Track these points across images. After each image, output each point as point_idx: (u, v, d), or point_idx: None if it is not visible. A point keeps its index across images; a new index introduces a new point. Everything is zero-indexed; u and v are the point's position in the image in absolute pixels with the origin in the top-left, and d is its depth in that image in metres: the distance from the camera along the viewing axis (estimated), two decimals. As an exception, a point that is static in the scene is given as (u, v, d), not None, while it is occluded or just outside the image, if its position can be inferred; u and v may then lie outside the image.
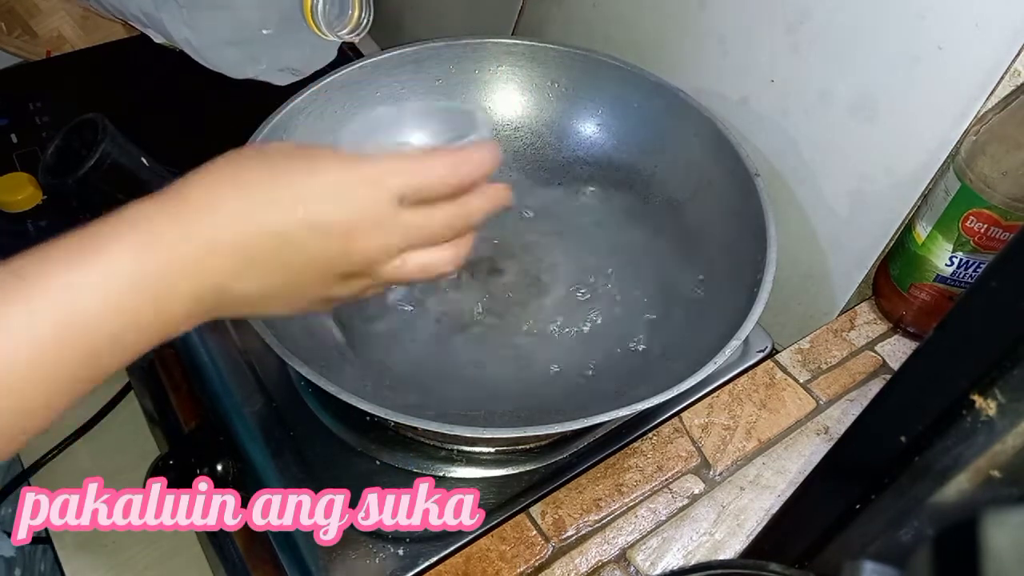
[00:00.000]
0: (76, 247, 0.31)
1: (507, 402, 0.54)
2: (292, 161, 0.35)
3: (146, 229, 0.32)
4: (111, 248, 0.31)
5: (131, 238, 0.31)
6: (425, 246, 0.38)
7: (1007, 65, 0.49)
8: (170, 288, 0.32)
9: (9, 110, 0.83)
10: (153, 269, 0.31)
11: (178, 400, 0.62)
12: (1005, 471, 0.30)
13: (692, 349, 0.54)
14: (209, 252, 0.33)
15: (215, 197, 0.33)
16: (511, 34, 0.83)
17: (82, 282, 0.30)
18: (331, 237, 0.35)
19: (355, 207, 0.35)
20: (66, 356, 0.30)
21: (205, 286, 0.33)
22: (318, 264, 0.36)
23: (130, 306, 0.31)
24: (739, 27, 0.63)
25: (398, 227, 0.36)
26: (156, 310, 0.32)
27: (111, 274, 0.31)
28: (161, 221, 0.32)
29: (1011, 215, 0.51)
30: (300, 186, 0.34)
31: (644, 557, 0.49)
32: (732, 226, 0.59)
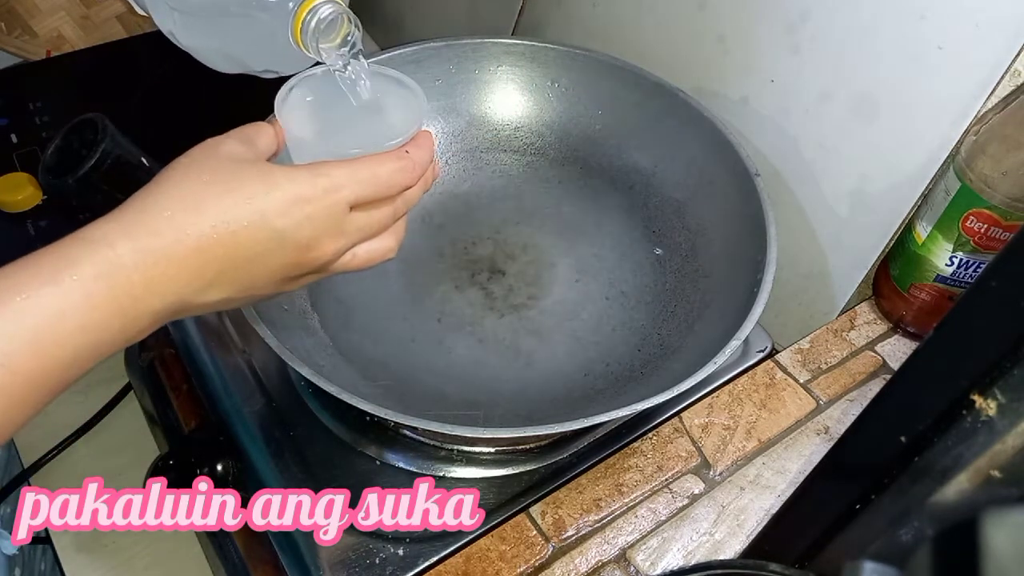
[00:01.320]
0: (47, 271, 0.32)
1: (507, 402, 0.54)
2: (247, 173, 0.36)
3: (109, 255, 0.33)
4: (76, 275, 0.32)
5: (95, 264, 0.32)
6: (371, 239, 0.40)
7: (1007, 65, 0.49)
8: (133, 306, 0.33)
9: (9, 110, 0.83)
10: (116, 291, 0.33)
11: (178, 400, 0.62)
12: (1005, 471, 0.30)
13: (692, 349, 0.54)
14: (169, 273, 0.34)
15: (174, 216, 0.34)
16: (511, 34, 0.83)
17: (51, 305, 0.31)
18: (291, 249, 0.37)
19: (315, 220, 0.37)
20: (28, 372, 0.31)
21: (167, 302, 0.35)
22: (276, 271, 0.38)
23: (96, 325, 0.32)
24: (739, 27, 0.63)
25: (350, 229, 0.39)
26: (120, 326, 0.33)
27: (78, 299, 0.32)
28: (122, 244, 0.33)
29: (1011, 215, 0.51)
30: (259, 201, 0.36)
31: (644, 557, 0.49)
32: (732, 226, 0.59)
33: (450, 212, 0.65)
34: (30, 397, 0.31)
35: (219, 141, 0.39)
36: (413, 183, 0.40)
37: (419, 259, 0.62)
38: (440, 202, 0.66)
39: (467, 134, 0.69)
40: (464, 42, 0.67)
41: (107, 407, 0.71)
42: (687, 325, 0.58)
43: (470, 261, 0.62)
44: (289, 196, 0.36)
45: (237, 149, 0.38)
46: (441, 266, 0.61)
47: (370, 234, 0.40)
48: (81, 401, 0.70)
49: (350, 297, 0.59)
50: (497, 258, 0.62)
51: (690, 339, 0.56)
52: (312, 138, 0.42)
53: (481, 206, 0.66)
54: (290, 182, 0.36)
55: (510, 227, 0.64)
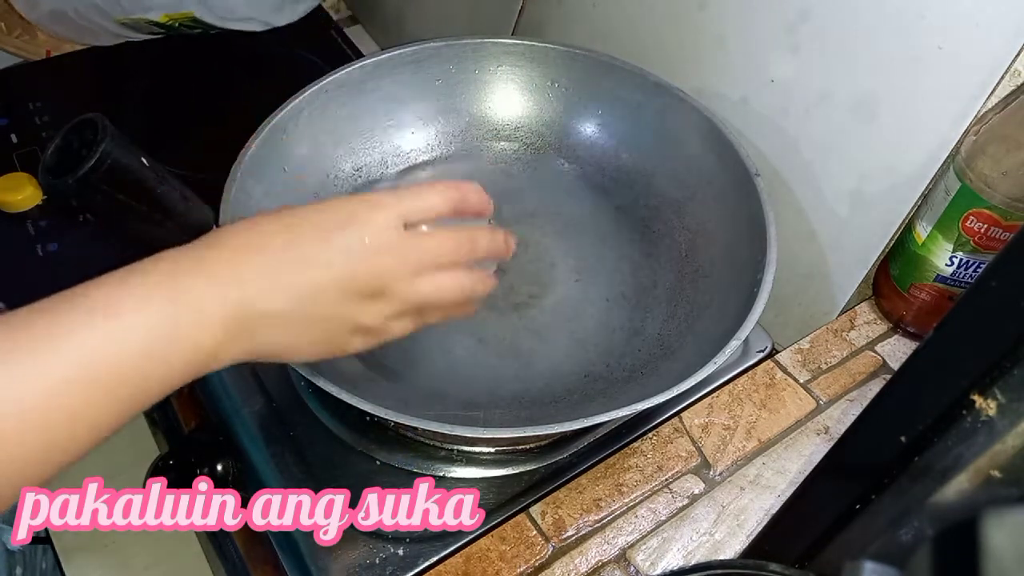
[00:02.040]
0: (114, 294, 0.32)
1: (507, 402, 0.54)
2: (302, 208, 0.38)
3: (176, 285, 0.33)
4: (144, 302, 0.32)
5: (162, 293, 0.33)
6: (436, 268, 0.40)
7: (1007, 65, 0.49)
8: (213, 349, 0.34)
9: (9, 110, 0.83)
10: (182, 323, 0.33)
11: (178, 400, 0.62)
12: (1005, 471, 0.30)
13: (692, 349, 0.54)
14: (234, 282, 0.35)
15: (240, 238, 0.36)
16: (511, 34, 0.83)
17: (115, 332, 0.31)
18: (348, 255, 0.37)
19: (366, 228, 0.38)
20: (92, 399, 0.31)
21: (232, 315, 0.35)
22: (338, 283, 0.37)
23: (159, 356, 0.33)
24: (739, 27, 0.63)
25: (406, 246, 0.39)
26: (184, 360, 0.34)
27: (143, 327, 0.32)
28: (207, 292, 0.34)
29: (1011, 215, 0.51)
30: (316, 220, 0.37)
31: (644, 557, 0.49)
32: (732, 226, 0.59)
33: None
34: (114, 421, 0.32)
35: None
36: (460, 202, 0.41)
37: (419, 259, 0.62)
38: (440, 202, 0.66)
39: (467, 134, 0.69)
40: (464, 42, 0.67)
41: (107, 407, 0.71)
42: (687, 325, 0.58)
43: (470, 261, 0.62)
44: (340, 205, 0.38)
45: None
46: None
47: (431, 259, 0.40)
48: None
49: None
50: (497, 258, 0.62)
51: (690, 339, 0.56)
52: None
53: (481, 206, 0.66)
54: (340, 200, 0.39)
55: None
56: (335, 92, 0.63)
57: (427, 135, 0.68)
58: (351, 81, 0.63)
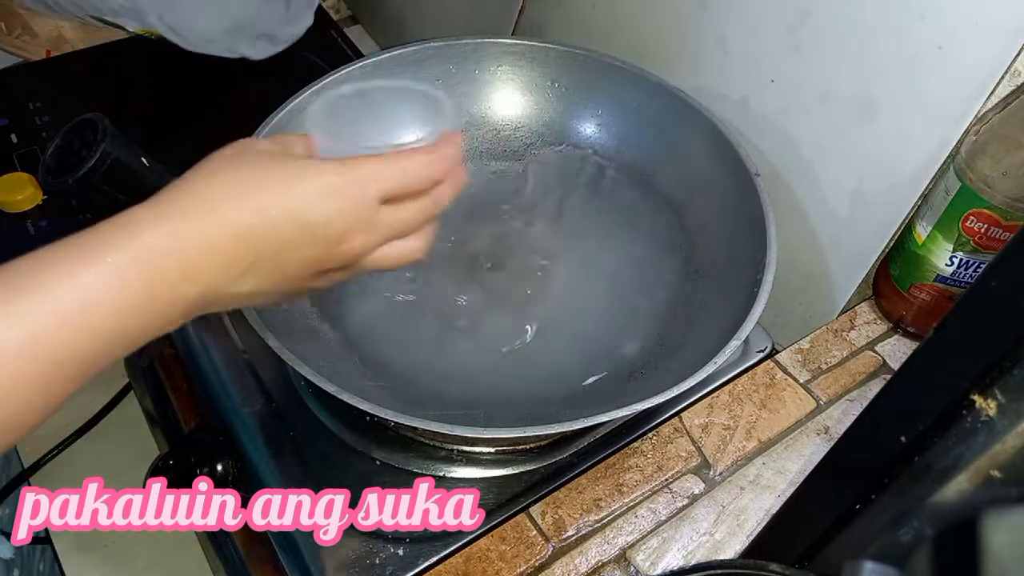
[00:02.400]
0: (76, 253, 0.32)
1: (507, 402, 0.54)
2: (281, 165, 0.37)
3: (143, 238, 0.33)
4: (110, 258, 0.32)
5: (129, 246, 0.32)
6: (400, 237, 0.41)
7: (1007, 65, 0.49)
8: (167, 292, 0.33)
9: (9, 110, 0.83)
10: (151, 275, 0.33)
11: (178, 400, 0.62)
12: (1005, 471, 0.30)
13: (692, 349, 0.54)
14: (205, 259, 0.34)
15: (210, 204, 0.35)
16: (511, 34, 0.83)
17: (85, 287, 0.31)
18: (322, 241, 0.37)
19: (345, 213, 0.37)
20: (63, 354, 0.31)
21: (200, 289, 0.35)
22: (307, 264, 0.38)
23: (127, 309, 0.32)
24: (739, 27, 0.63)
25: (380, 225, 0.39)
26: (152, 313, 0.33)
27: (109, 281, 0.32)
28: (159, 229, 0.33)
29: (1011, 215, 0.51)
30: (293, 190, 0.36)
31: (644, 557, 0.49)
32: (732, 226, 0.59)
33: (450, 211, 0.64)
34: (54, 383, 0.31)
35: (254, 140, 0.40)
36: (441, 176, 0.41)
37: (419, 259, 0.62)
38: (440, 202, 0.66)
39: (467, 134, 0.69)
40: (464, 42, 0.67)
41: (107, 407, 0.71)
42: (687, 325, 0.58)
43: (470, 260, 0.62)
44: (320, 187, 0.37)
45: (271, 147, 0.39)
46: (441, 265, 0.61)
47: (400, 231, 0.40)
48: (81, 401, 0.70)
49: (350, 297, 0.59)
50: (497, 257, 0.62)
51: (690, 339, 0.56)
52: (342, 145, 0.42)
53: (481, 205, 0.66)
54: (321, 174, 0.37)
55: (510, 226, 0.64)
56: (335, 92, 0.63)
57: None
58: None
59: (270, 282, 0.37)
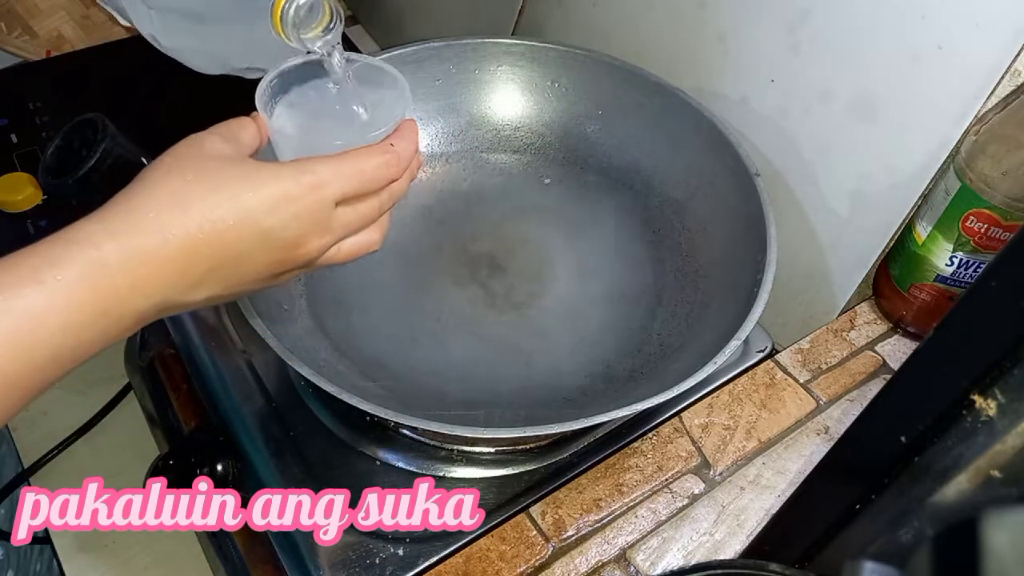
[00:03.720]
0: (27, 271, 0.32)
1: (507, 402, 0.54)
2: (231, 171, 0.36)
3: (93, 255, 0.32)
4: (60, 275, 0.32)
5: (79, 263, 0.32)
6: (356, 232, 0.40)
7: (1007, 65, 0.49)
8: (117, 307, 0.33)
9: (9, 110, 0.83)
10: (101, 294, 0.32)
11: (178, 400, 0.62)
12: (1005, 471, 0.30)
13: (692, 349, 0.54)
14: (155, 273, 0.34)
15: (160, 216, 0.34)
16: (511, 34, 0.83)
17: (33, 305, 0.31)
18: (278, 247, 0.37)
19: (301, 218, 0.37)
20: (12, 371, 0.31)
21: (152, 302, 0.34)
22: (263, 269, 0.37)
23: (78, 325, 0.32)
24: (739, 27, 0.63)
25: (336, 226, 0.39)
26: (103, 327, 0.33)
27: (60, 299, 0.31)
28: (107, 246, 0.33)
29: (1011, 215, 0.51)
30: (246, 198, 0.35)
31: (644, 557, 0.49)
32: (732, 226, 0.59)
33: (450, 211, 0.65)
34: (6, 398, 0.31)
35: (202, 138, 0.38)
36: (399, 176, 0.40)
37: (419, 258, 0.62)
38: (440, 201, 0.66)
39: (467, 134, 0.69)
40: (464, 42, 0.67)
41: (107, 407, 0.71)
42: (687, 325, 0.58)
43: (470, 260, 0.62)
44: (275, 194, 0.36)
45: (220, 146, 0.38)
46: (441, 265, 0.61)
47: (356, 229, 0.40)
48: (81, 401, 0.70)
49: (350, 297, 0.59)
50: (497, 257, 0.62)
51: (690, 339, 0.56)
52: (295, 132, 0.41)
53: (481, 205, 0.66)
54: (276, 180, 0.36)
55: (510, 226, 0.64)
56: (335, 92, 0.63)
57: (427, 135, 0.68)
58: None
59: (226, 287, 0.37)
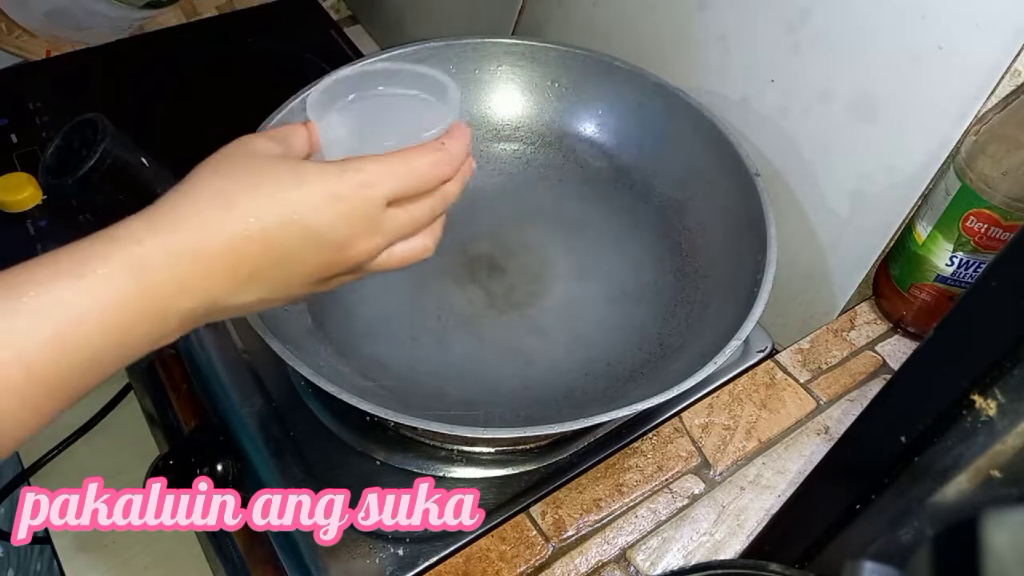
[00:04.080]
0: (67, 266, 0.31)
1: (507, 402, 0.54)
2: (278, 168, 0.35)
3: (135, 251, 0.32)
4: (101, 270, 0.31)
5: (121, 260, 0.31)
6: (408, 237, 0.39)
7: (1007, 65, 0.49)
8: (161, 308, 0.32)
9: (9, 110, 0.83)
10: (144, 291, 0.31)
11: (178, 400, 0.62)
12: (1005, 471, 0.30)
13: (692, 349, 0.54)
14: (200, 272, 0.33)
15: (204, 214, 0.33)
16: (511, 34, 0.83)
17: (72, 301, 0.30)
18: (327, 247, 0.35)
19: (349, 218, 0.35)
20: (53, 371, 0.30)
21: (197, 303, 0.33)
22: (311, 272, 0.36)
23: (120, 325, 0.31)
24: (739, 27, 0.63)
25: (387, 228, 0.37)
26: (147, 329, 0.32)
27: (101, 296, 0.31)
28: (150, 242, 0.32)
29: (1011, 215, 0.51)
30: (292, 196, 0.34)
31: (644, 557, 0.49)
32: (732, 226, 0.59)
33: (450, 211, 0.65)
34: (45, 402, 0.30)
35: (252, 138, 0.37)
36: (451, 175, 0.39)
37: (419, 259, 0.62)
38: (440, 202, 0.66)
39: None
40: (464, 42, 0.67)
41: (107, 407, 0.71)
42: (687, 325, 0.58)
43: (470, 259, 0.62)
44: (322, 192, 0.35)
45: (269, 146, 0.37)
46: (441, 264, 0.61)
47: (407, 232, 0.38)
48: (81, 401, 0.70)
49: (350, 297, 0.59)
50: (497, 256, 0.62)
51: (690, 339, 0.56)
52: (345, 136, 0.40)
53: (481, 205, 0.66)
54: (321, 178, 0.35)
55: (510, 226, 0.64)
56: (335, 92, 0.63)
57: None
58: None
59: (273, 290, 0.36)
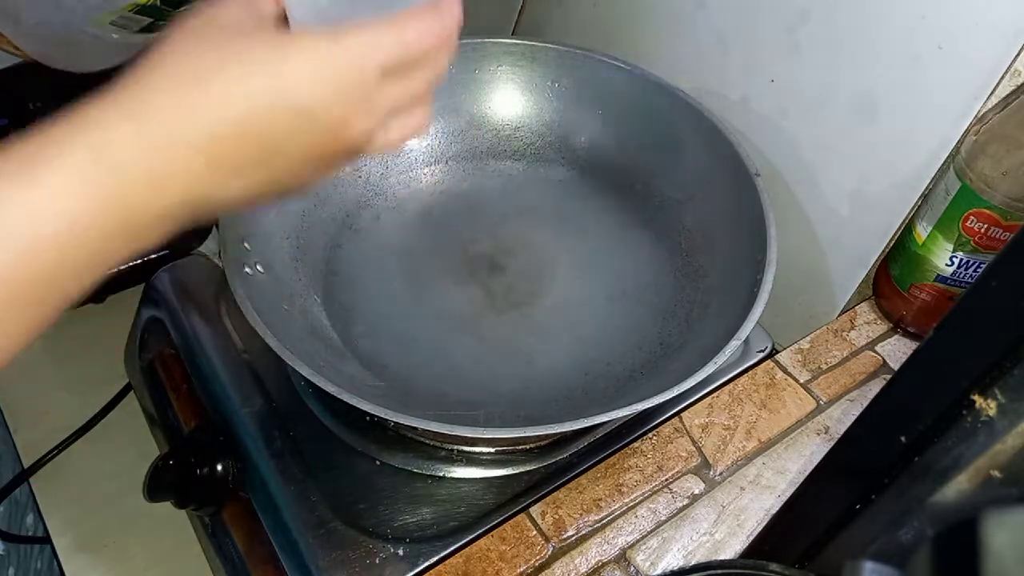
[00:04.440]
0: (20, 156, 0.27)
1: (507, 402, 0.54)
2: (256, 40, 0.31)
3: (103, 139, 0.28)
4: (65, 163, 0.27)
5: (86, 150, 0.27)
6: (403, 112, 0.35)
7: (1007, 65, 0.49)
8: (135, 202, 0.28)
9: (9, 110, 0.83)
10: (117, 181, 0.28)
11: (178, 400, 0.62)
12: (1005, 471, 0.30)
13: (692, 349, 0.54)
14: (178, 162, 0.29)
15: (177, 96, 0.29)
16: (511, 34, 0.83)
17: (35, 201, 0.26)
18: (321, 129, 0.32)
19: (344, 93, 0.32)
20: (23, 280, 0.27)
21: (179, 198, 0.30)
22: (305, 156, 0.33)
23: (86, 223, 0.27)
24: (739, 27, 0.63)
25: (384, 102, 0.34)
26: (120, 227, 0.28)
27: (60, 188, 0.27)
28: (119, 127, 0.28)
29: (1011, 215, 0.51)
30: (279, 72, 0.30)
31: (644, 557, 0.49)
32: (732, 226, 0.59)
33: (450, 211, 0.65)
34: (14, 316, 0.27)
35: (216, 8, 0.32)
36: (445, 43, 0.35)
37: (419, 258, 0.62)
38: (440, 201, 0.66)
39: (467, 134, 0.69)
40: (464, 42, 0.66)
41: (107, 407, 0.71)
42: (687, 325, 0.58)
43: (470, 259, 0.62)
44: (311, 66, 0.31)
45: (238, 14, 0.32)
46: (441, 265, 0.61)
47: (403, 106, 0.35)
48: (81, 401, 0.70)
49: (350, 296, 0.59)
50: (497, 256, 0.62)
51: (690, 339, 0.56)
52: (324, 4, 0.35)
53: (481, 205, 0.66)
54: (313, 50, 0.31)
55: (510, 226, 0.64)
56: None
57: (427, 135, 0.68)
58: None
59: (262, 182, 0.32)
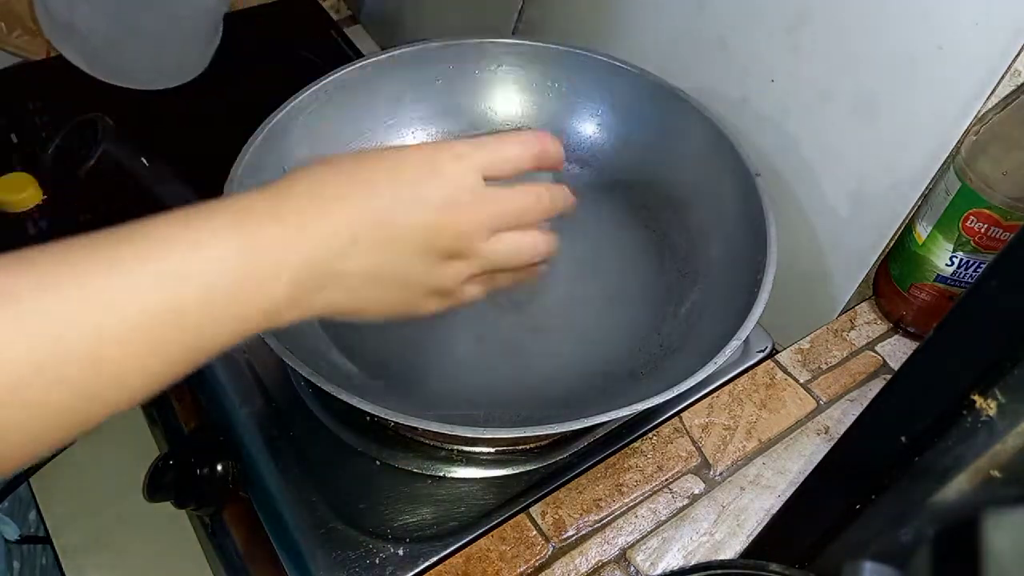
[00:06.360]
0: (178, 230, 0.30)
1: (507, 402, 0.54)
2: (377, 153, 0.37)
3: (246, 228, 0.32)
4: (211, 237, 0.31)
5: (231, 235, 0.31)
6: (514, 226, 0.39)
7: (1007, 65, 0.49)
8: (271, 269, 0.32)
9: (9, 110, 0.83)
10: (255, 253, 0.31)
11: (178, 400, 0.62)
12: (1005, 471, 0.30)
13: (692, 349, 0.54)
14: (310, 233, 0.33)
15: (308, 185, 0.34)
16: (511, 34, 0.83)
17: (179, 268, 0.30)
18: (429, 208, 0.36)
19: (447, 179, 0.36)
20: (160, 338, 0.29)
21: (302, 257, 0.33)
22: (418, 237, 0.36)
23: (227, 296, 0.31)
24: (739, 27, 0.63)
25: (487, 200, 0.37)
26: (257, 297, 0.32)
27: (210, 264, 0.30)
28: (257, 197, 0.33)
29: (1011, 215, 0.51)
30: (393, 167, 0.36)
31: (644, 557, 0.49)
32: (732, 226, 0.59)
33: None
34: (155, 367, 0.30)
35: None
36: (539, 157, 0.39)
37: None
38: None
39: (467, 134, 0.69)
40: (464, 42, 0.67)
41: (107, 407, 0.71)
42: (687, 325, 0.58)
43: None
44: (420, 157, 0.36)
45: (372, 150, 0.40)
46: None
47: (511, 216, 0.38)
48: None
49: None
50: (497, 258, 0.62)
51: (690, 339, 0.56)
52: None
53: (481, 206, 0.66)
54: (417, 149, 0.37)
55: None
56: (335, 92, 0.63)
57: (427, 135, 0.68)
58: (351, 81, 0.63)
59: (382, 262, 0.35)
